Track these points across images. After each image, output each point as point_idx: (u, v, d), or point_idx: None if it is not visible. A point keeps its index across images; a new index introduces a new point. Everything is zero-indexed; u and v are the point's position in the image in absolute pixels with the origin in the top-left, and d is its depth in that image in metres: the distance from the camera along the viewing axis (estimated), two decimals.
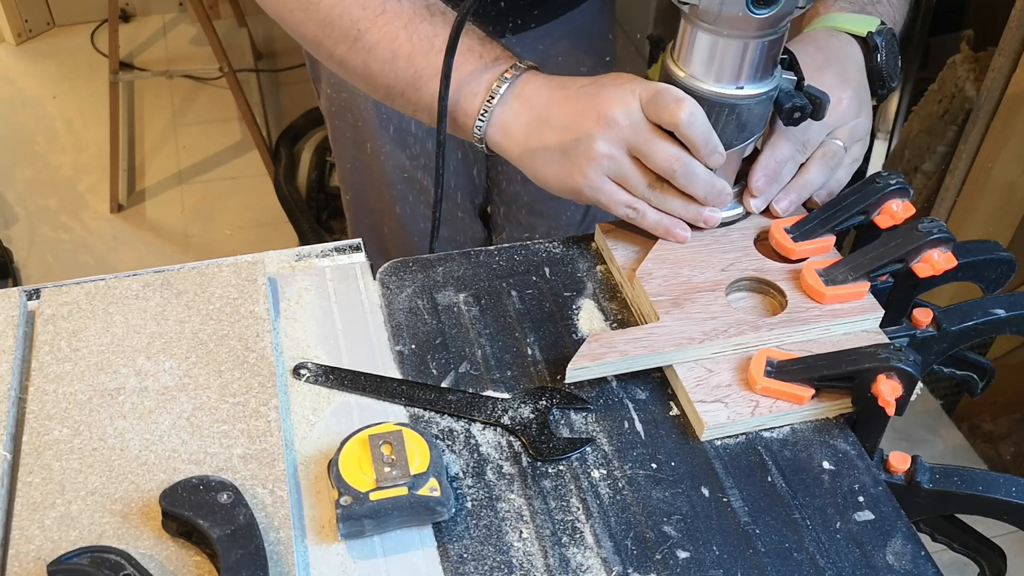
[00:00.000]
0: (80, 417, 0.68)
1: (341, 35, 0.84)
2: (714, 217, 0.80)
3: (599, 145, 0.76)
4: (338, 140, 1.30)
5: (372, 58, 0.84)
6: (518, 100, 0.80)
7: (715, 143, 0.76)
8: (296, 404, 0.73)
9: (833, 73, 0.82)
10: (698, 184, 0.77)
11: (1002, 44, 1.56)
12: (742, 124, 0.76)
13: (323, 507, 0.66)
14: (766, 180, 0.81)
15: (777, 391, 0.71)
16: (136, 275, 0.79)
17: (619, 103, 0.76)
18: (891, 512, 0.67)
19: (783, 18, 0.71)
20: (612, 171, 0.77)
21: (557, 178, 0.80)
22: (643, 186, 0.78)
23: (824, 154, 0.82)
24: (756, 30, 0.71)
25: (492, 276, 0.84)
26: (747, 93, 0.75)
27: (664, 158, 0.76)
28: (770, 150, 0.80)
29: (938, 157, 1.77)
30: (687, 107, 0.74)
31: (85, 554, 0.58)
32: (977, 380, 0.85)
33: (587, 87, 0.78)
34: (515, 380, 0.75)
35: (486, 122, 0.81)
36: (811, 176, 0.82)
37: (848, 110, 0.82)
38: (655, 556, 0.64)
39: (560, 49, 0.85)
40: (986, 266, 0.79)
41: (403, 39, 0.82)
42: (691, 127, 0.74)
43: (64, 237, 2.43)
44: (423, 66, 0.82)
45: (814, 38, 0.85)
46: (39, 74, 2.94)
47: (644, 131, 0.76)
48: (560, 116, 0.78)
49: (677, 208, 0.79)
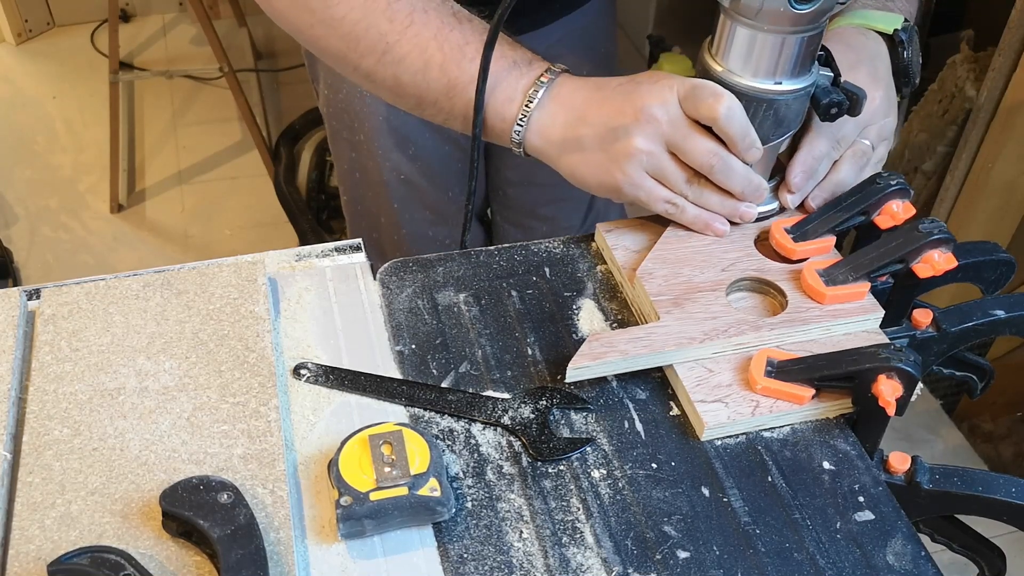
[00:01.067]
0: (80, 417, 0.68)
1: (368, 49, 0.83)
2: (751, 212, 0.80)
3: (637, 141, 0.76)
4: (336, 141, 1.29)
5: (403, 70, 0.83)
6: (554, 102, 0.80)
7: (753, 138, 0.76)
8: (296, 404, 0.73)
9: (865, 72, 0.82)
10: (735, 179, 0.77)
11: (1002, 44, 1.56)
12: (779, 119, 0.77)
13: (323, 507, 0.66)
14: (804, 176, 0.81)
15: (777, 391, 0.71)
16: (136, 275, 0.79)
17: (657, 99, 0.76)
18: (891, 512, 0.67)
19: (823, 13, 0.71)
20: (651, 167, 0.77)
21: (596, 176, 0.79)
22: (681, 181, 0.78)
23: (854, 153, 0.82)
24: (796, 25, 0.71)
25: (492, 276, 0.84)
26: (785, 89, 0.75)
27: (702, 153, 0.76)
28: (808, 146, 0.80)
29: (938, 157, 1.77)
30: (725, 102, 0.74)
31: (85, 554, 0.58)
32: (977, 381, 0.85)
33: (624, 85, 0.78)
34: (515, 380, 0.75)
35: (524, 126, 0.81)
36: (843, 174, 0.82)
37: (879, 109, 0.82)
38: (655, 556, 0.64)
39: (559, 52, 0.84)
40: (986, 267, 0.79)
41: (434, 49, 0.82)
42: (729, 122, 0.74)
43: (64, 237, 2.43)
44: (456, 75, 0.82)
45: (843, 36, 0.85)
46: (39, 74, 2.94)
47: (682, 126, 0.76)
48: (597, 115, 0.78)
49: (714, 203, 0.79)
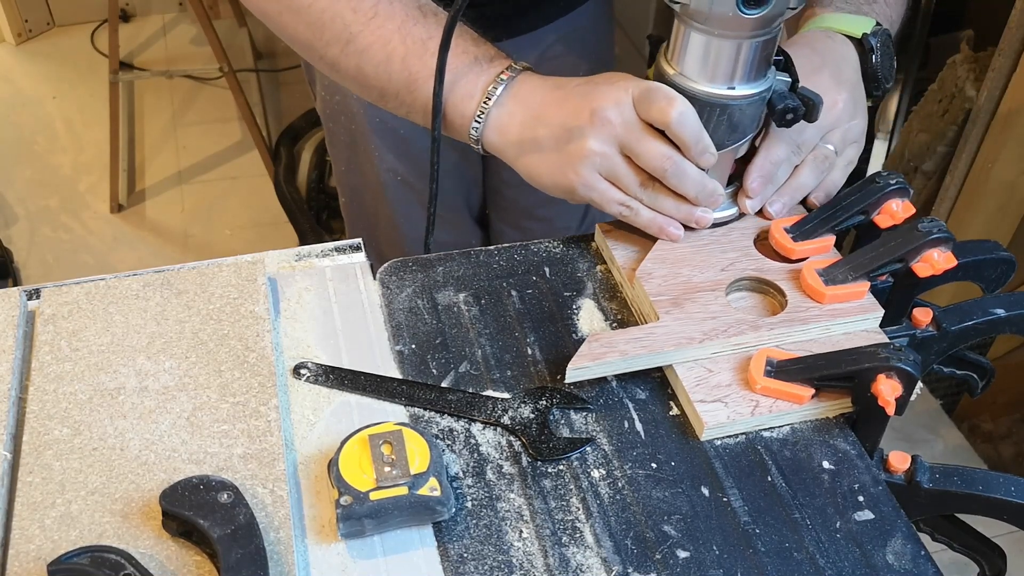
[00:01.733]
0: (80, 417, 0.68)
1: (333, 38, 0.83)
2: (706, 217, 0.80)
3: (591, 143, 0.76)
4: (333, 143, 1.29)
5: (365, 61, 0.83)
6: (513, 100, 0.80)
7: (706, 143, 0.75)
8: (296, 404, 0.73)
9: (828, 75, 0.82)
10: (689, 184, 0.77)
11: (1002, 44, 1.56)
12: (734, 125, 0.76)
13: (323, 507, 0.66)
14: (761, 181, 0.81)
15: (777, 391, 0.71)
16: (136, 275, 0.79)
17: (611, 101, 0.76)
18: (891, 512, 0.67)
19: (774, 19, 0.71)
20: (604, 169, 0.77)
21: (551, 176, 0.80)
22: (635, 185, 0.78)
23: (815, 158, 0.82)
24: (747, 30, 0.71)
25: (492, 276, 0.84)
26: (739, 94, 0.75)
27: (655, 157, 0.76)
28: (765, 151, 0.80)
29: (938, 157, 1.77)
30: (678, 106, 0.73)
31: (85, 554, 0.58)
32: (977, 380, 0.85)
33: (581, 86, 0.78)
34: (515, 380, 0.75)
35: (482, 123, 0.81)
36: (803, 179, 0.82)
37: (843, 113, 0.82)
38: (655, 556, 0.64)
39: (554, 54, 0.84)
40: (986, 266, 0.79)
41: (396, 42, 0.82)
42: (681, 126, 0.74)
43: (64, 237, 2.43)
44: (417, 68, 0.82)
45: (809, 40, 0.85)
46: (39, 74, 2.94)
47: (636, 129, 0.76)
48: (554, 115, 0.78)
49: (669, 207, 0.79)
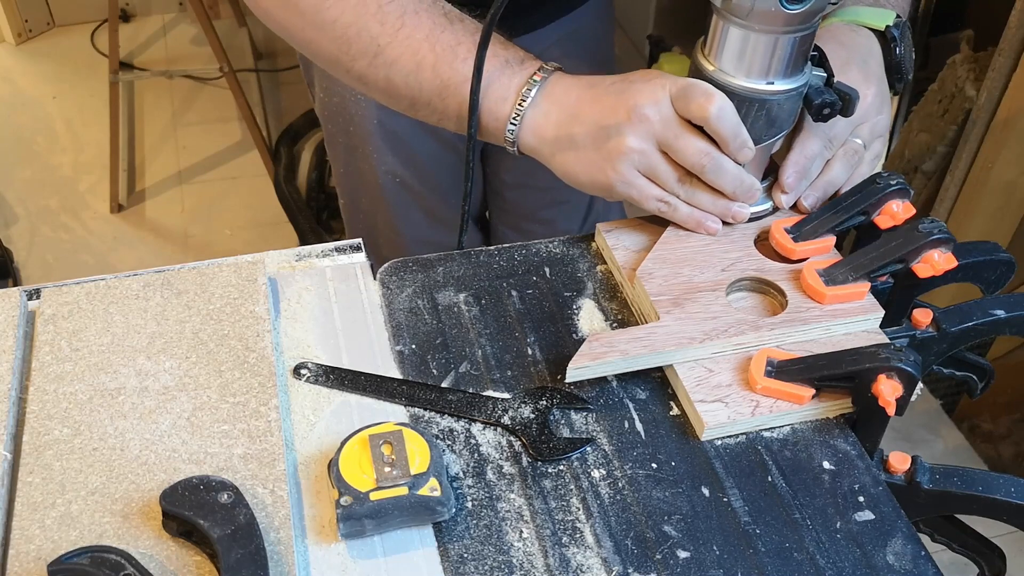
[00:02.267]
0: (80, 417, 0.68)
1: (360, 52, 0.83)
2: (743, 212, 0.80)
3: (629, 140, 0.76)
4: (332, 144, 1.29)
5: (395, 72, 0.83)
6: (548, 100, 0.80)
7: (744, 138, 0.76)
8: (296, 404, 0.73)
9: (857, 70, 0.82)
10: (727, 179, 0.77)
11: (1002, 44, 1.56)
12: (771, 120, 0.77)
13: (323, 507, 0.66)
14: (797, 176, 0.81)
15: (777, 391, 0.71)
16: (136, 275, 0.79)
17: (649, 98, 0.76)
18: (891, 512, 0.67)
19: (815, 14, 0.71)
20: (642, 166, 0.77)
21: (588, 174, 0.79)
22: (673, 181, 0.78)
23: (846, 152, 0.82)
24: (787, 25, 0.71)
25: (492, 276, 0.84)
26: (777, 89, 0.75)
27: (693, 153, 0.76)
28: (800, 146, 0.80)
29: (938, 157, 1.77)
30: (716, 102, 0.74)
31: (85, 554, 0.58)
32: (977, 381, 0.85)
33: (617, 84, 0.78)
34: (515, 380, 0.75)
35: (518, 125, 0.81)
36: (835, 173, 0.82)
37: (871, 107, 0.82)
38: (655, 556, 0.64)
39: (555, 55, 0.84)
40: (986, 267, 0.79)
41: (426, 50, 0.82)
42: (720, 122, 0.74)
43: (64, 237, 2.43)
44: (449, 75, 0.82)
45: (835, 33, 0.85)
46: (39, 74, 2.94)
47: (673, 126, 0.76)
48: (590, 113, 0.78)
49: (706, 203, 0.79)
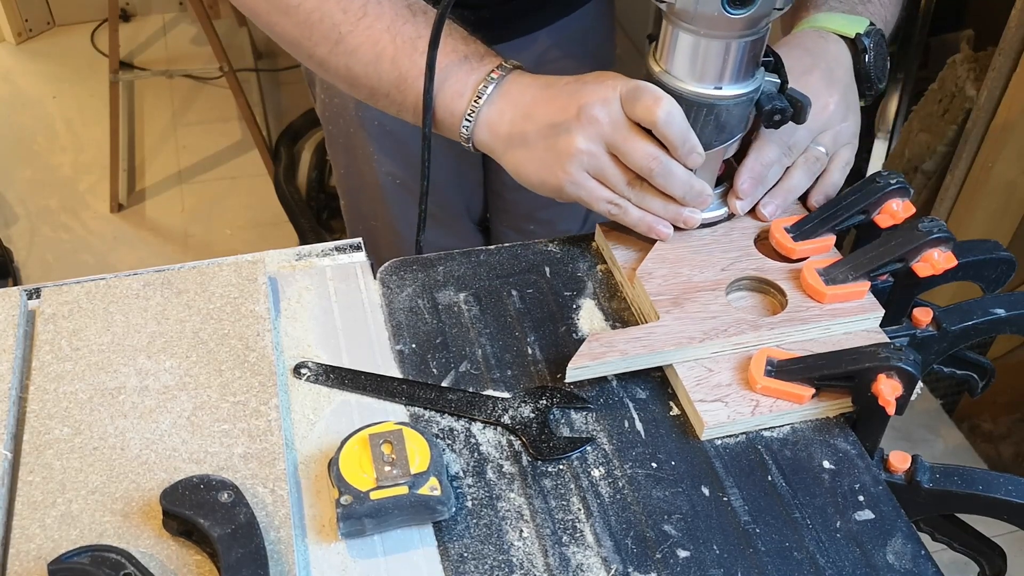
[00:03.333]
0: (81, 416, 0.68)
1: (321, 38, 0.83)
2: (694, 218, 0.80)
3: (578, 141, 0.76)
4: (332, 144, 1.29)
5: (355, 60, 0.83)
6: (504, 99, 0.80)
7: (693, 143, 0.75)
8: (296, 403, 0.73)
9: (820, 77, 0.82)
10: (676, 184, 0.77)
11: (1002, 44, 1.56)
12: (721, 125, 0.76)
13: (323, 506, 0.66)
14: (752, 183, 0.81)
15: (777, 390, 0.71)
16: (136, 274, 0.79)
17: (599, 99, 0.76)
18: (891, 511, 0.67)
19: (760, 19, 0.71)
20: (591, 167, 0.77)
21: (538, 175, 0.79)
22: (622, 183, 0.78)
23: (807, 159, 0.82)
24: (734, 30, 0.71)
25: (492, 276, 0.84)
26: (726, 94, 0.74)
27: (641, 156, 0.75)
28: (756, 153, 0.80)
29: (938, 157, 1.77)
30: (664, 105, 0.73)
31: (86, 553, 0.58)
32: (977, 380, 0.85)
33: (571, 84, 0.78)
34: (515, 379, 0.75)
35: (473, 122, 0.81)
36: (795, 181, 0.82)
37: (834, 114, 0.82)
38: (655, 555, 0.64)
39: (553, 57, 0.84)
40: (986, 266, 0.79)
41: (386, 41, 0.82)
42: (668, 126, 0.74)
43: (64, 237, 2.43)
44: (407, 67, 0.82)
45: (801, 40, 0.85)
46: (39, 74, 2.94)
47: (623, 128, 0.75)
48: (543, 112, 0.78)
49: (656, 207, 0.79)
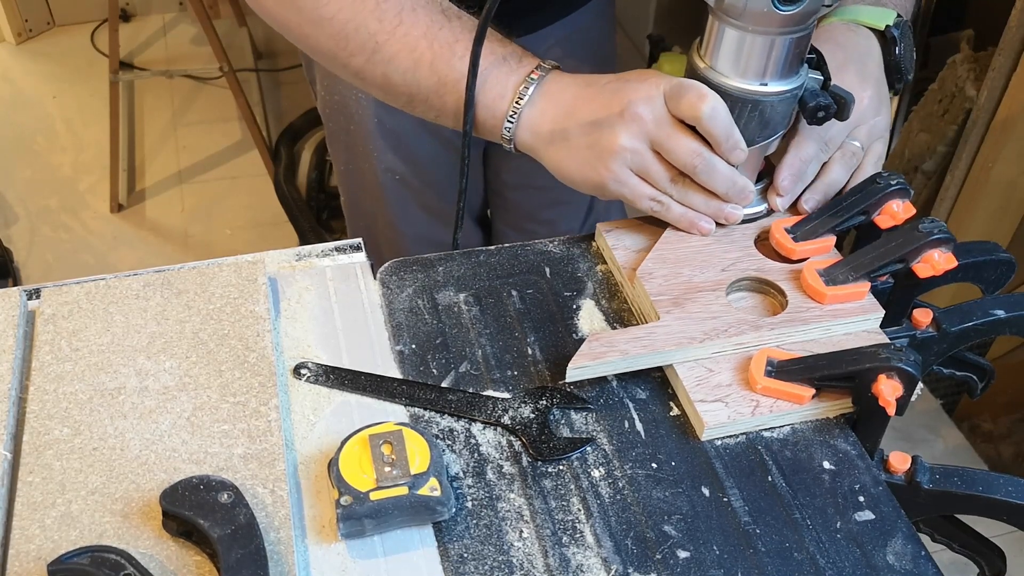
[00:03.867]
0: (80, 417, 0.68)
1: (357, 48, 0.83)
2: (736, 214, 0.80)
3: (622, 138, 0.76)
4: (333, 142, 1.29)
5: (392, 69, 0.83)
6: (545, 99, 0.80)
7: (737, 139, 0.76)
8: (296, 404, 0.73)
9: (854, 71, 0.82)
10: (719, 180, 0.77)
11: (1002, 44, 1.56)
12: (765, 121, 0.76)
13: (323, 507, 0.66)
14: (792, 179, 0.81)
15: (777, 391, 0.71)
16: (136, 275, 0.79)
17: (642, 97, 0.76)
18: (891, 512, 0.67)
19: (809, 15, 0.71)
20: (635, 165, 0.78)
21: (581, 172, 0.80)
22: (665, 180, 0.78)
23: (844, 154, 0.82)
24: (781, 26, 0.71)
25: (492, 276, 0.84)
26: (771, 90, 0.75)
27: (685, 153, 0.76)
28: (795, 149, 0.80)
29: (938, 157, 1.77)
30: (709, 102, 0.74)
31: (85, 554, 0.58)
32: (977, 381, 0.85)
33: (612, 82, 0.78)
34: (515, 380, 0.75)
35: (515, 123, 0.81)
36: (833, 176, 0.82)
37: (868, 109, 0.82)
38: (655, 556, 0.64)
39: (555, 56, 0.84)
40: (986, 267, 0.79)
41: (423, 48, 0.82)
42: (713, 122, 0.74)
43: (64, 237, 2.43)
44: (446, 72, 0.82)
45: (833, 33, 0.85)
46: (39, 74, 2.94)
47: (666, 125, 0.76)
48: (585, 111, 0.78)
49: (698, 203, 0.79)
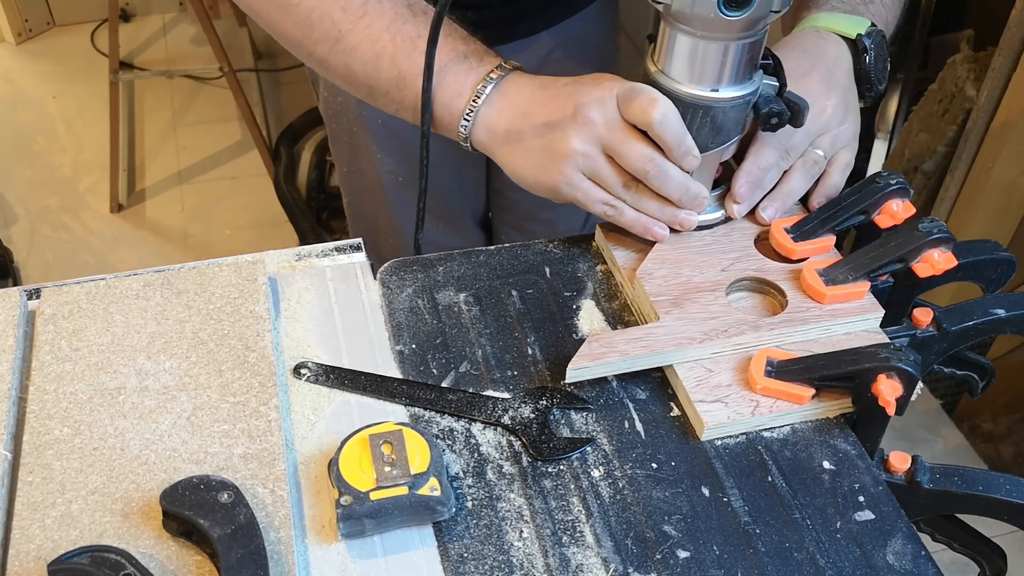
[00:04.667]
0: (80, 417, 0.68)
1: (321, 36, 0.83)
2: (690, 220, 0.79)
3: (574, 142, 0.76)
4: (335, 143, 1.29)
5: (354, 59, 0.83)
6: (502, 99, 0.80)
7: (688, 145, 0.75)
8: (296, 404, 0.73)
9: (819, 79, 0.81)
10: (671, 186, 0.77)
11: (1002, 44, 1.56)
12: (717, 127, 0.76)
13: (323, 507, 0.66)
14: (749, 186, 0.81)
15: (777, 391, 0.71)
16: (136, 275, 0.79)
17: (595, 100, 0.76)
18: (891, 512, 0.67)
19: (757, 22, 0.70)
20: (587, 169, 0.77)
21: (535, 175, 0.80)
22: (618, 185, 0.78)
23: (805, 162, 0.82)
24: (731, 32, 0.70)
25: (492, 276, 0.84)
26: (722, 96, 0.74)
27: (637, 158, 0.75)
28: (754, 156, 0.80)
29: (938, 157, 1.77)
30: (660, 107, 0.73)
31: (85, 553, 0.58)
32: (977, 380, 0.85)
33: (568, 86, 0.78)
34: (515, 380, 0.75)
35: (471, 121, 0.81)
36: (793, 184, 0.82)
37: (832, 117, 0.82)
38: (655, 556, 0.64)
39: (556, 58, 0.84)
40: (986, 266, 0.79)
41: (386, 40, 0.82)
42: (663, 127, 0.74)
43: (64, 237, 2.43)
44: (407, 67, 0.82)
45: (801, 41, 0.85)
46: (39, 74, 2.94)
47: (618, 130, 0.75)
48: (540, 113, 0.78)
49: (652, 209, 0.79)
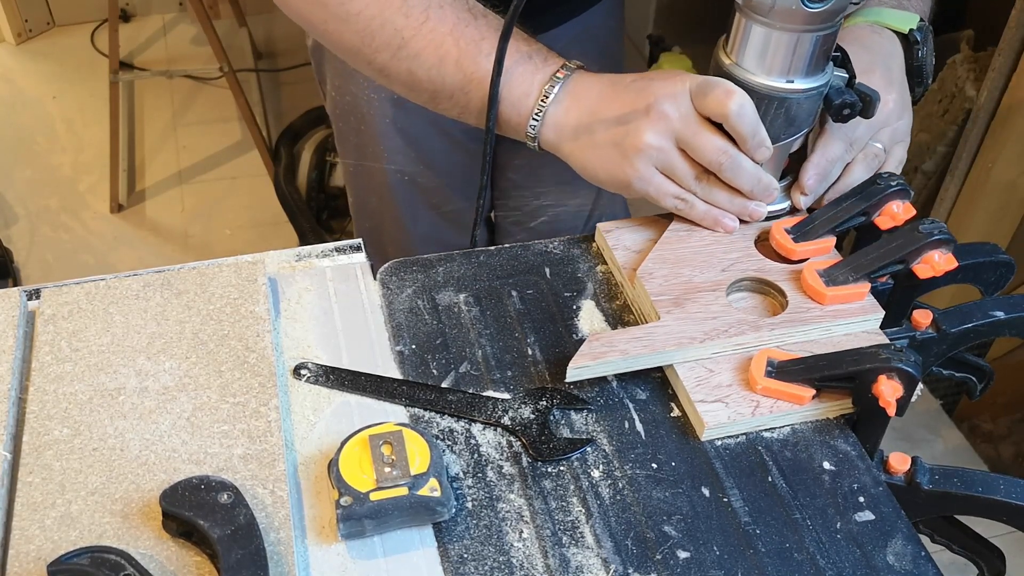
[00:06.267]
0: (80, 417, 0.68)
1: (383, 44, 0.83)
2: (760, 211, 0.80)
3: (648, 136, 0.76)
4: (342, 142, 1.29)
5: (417, 65, 0.83)
6: (570, 98, 0.81)
7: (762, 136, 0.76)
8: (296, 404, 0.73)
9: (880, 73, 0.82)
10: (744, 178, 0.78)
11: (1002, 44, 1.56)
12: (791, 118, 0.77)
13: (323, 507, 0.66)
14: (818, 178, 0.81)
15: (778, 391, 0.71)
16: (136, 275, 0.79)
17: (668, 95, 0.76)
18: (891, 513, 0.67)
19: (836, 13, 0.71)
20: (660, 163, 0.78)
21: (607, 171, 0.80)
22: (690, 178, 0.79)
23: (866, 155, 0.82)
24: (808, 24, 0.71)
25: (492, 276, 0.84)
26: (797, 87, 0.75)
27: (711, 150, 0.76)
28: (822, 148, 0.80)
29: (938, 157, 1.77)
30: (737, 99, 0.74)
31: (85, 554, 0.58)
32: (976, 382, 0.85)
33: (637, 81, 0.79)
34: (515, 380, 0.75)
35: (540, 121, 0.81)
36: (855, 176, 0.82)
37: (892, 112, 0.82)
38: (655, 556, 0.64)
39: (571, 54, 0.85)
40: (986, 268, 0.79)
41: (449, 44, 0.82)
42: (739, 119, 0.74)
43: (64, 237, 2.43)
44: (472, 70, 0.82)
45: (858, 35, 0.85)
46: (39, 74, 2.94)
47: (692, 123, 0.76)
48: (610, 110, 0.79)
49: (723, 201, 0.80)
